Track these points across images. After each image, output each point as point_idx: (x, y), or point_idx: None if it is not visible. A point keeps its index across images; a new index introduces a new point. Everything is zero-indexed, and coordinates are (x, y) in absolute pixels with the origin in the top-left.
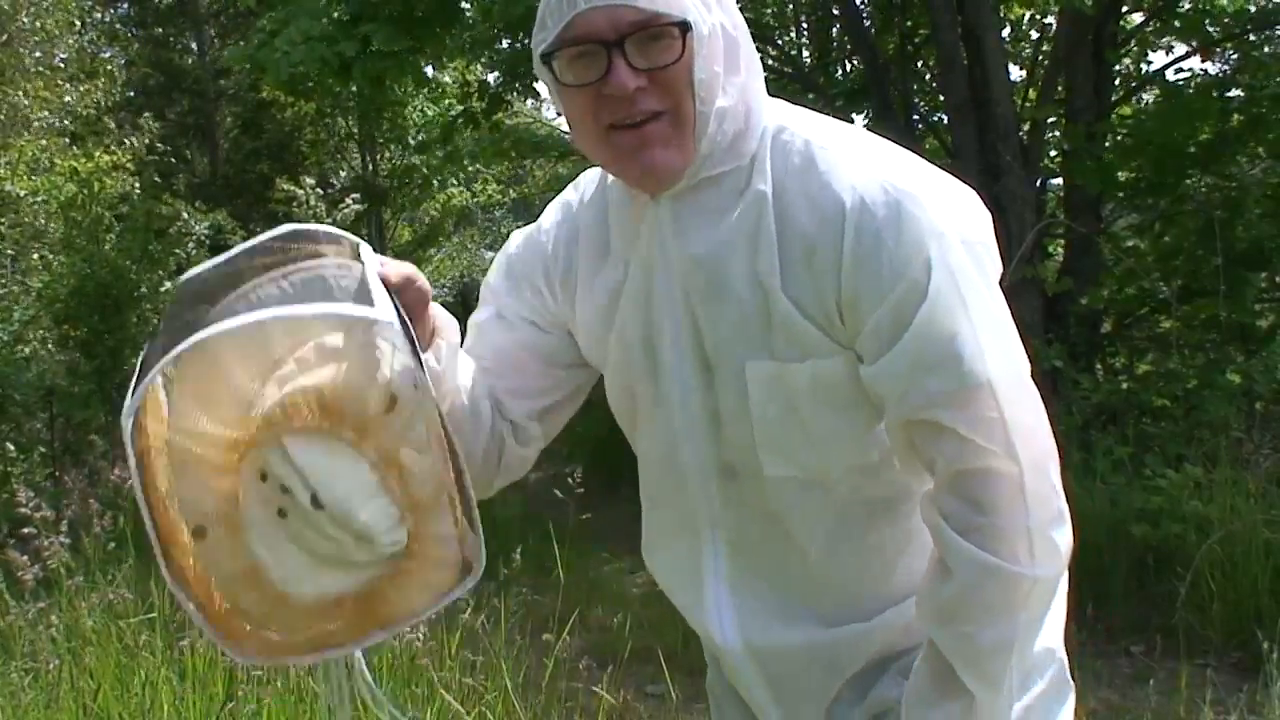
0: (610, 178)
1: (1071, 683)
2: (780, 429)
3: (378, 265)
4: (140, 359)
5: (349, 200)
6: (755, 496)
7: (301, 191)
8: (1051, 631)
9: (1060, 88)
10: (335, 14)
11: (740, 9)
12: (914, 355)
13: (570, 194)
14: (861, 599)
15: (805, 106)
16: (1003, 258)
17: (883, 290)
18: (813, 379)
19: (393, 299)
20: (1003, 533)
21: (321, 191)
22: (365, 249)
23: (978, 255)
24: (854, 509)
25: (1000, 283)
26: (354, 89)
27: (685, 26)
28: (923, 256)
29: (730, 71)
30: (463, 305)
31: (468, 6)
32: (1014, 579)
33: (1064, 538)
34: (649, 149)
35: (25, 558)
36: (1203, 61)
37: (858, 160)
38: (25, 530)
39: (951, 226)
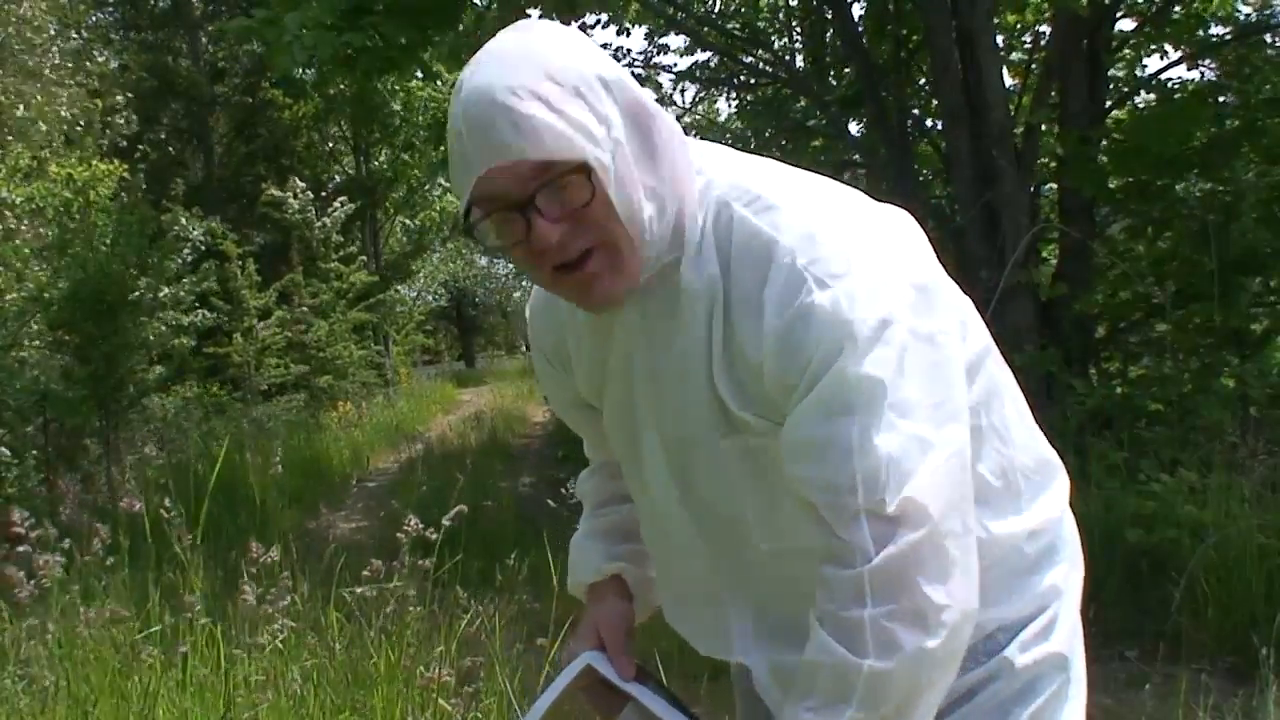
0: None
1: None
2: (755, 501)
3: (610, 669)
4: None
5: (337, 203)
6: (760, 568)
7: (291, 197)
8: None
9: (1054, 93)
10: (338, 7)
11: (733, 15)
12: (807, 437)
13: None
14: None
15: (800, 111)
16: (997, 262)
17: (792, 382)
18: (748, 452)
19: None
20: (844, 621)
21: (311, 195)
22: (595, 661)
23: (902, 335)
24: None
25: (994, 287)
26: (345, 87)
27: (585, 169)
28: (829, 356)
29: (649, 173)
30: (456, 310)
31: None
32: (842, 667)
33: (912, 634)
34: (595, 284)
35: (21, 573)
36: (1191, 69)
37: (790, 239)
38: (20, 549)
39: (872, 310)
